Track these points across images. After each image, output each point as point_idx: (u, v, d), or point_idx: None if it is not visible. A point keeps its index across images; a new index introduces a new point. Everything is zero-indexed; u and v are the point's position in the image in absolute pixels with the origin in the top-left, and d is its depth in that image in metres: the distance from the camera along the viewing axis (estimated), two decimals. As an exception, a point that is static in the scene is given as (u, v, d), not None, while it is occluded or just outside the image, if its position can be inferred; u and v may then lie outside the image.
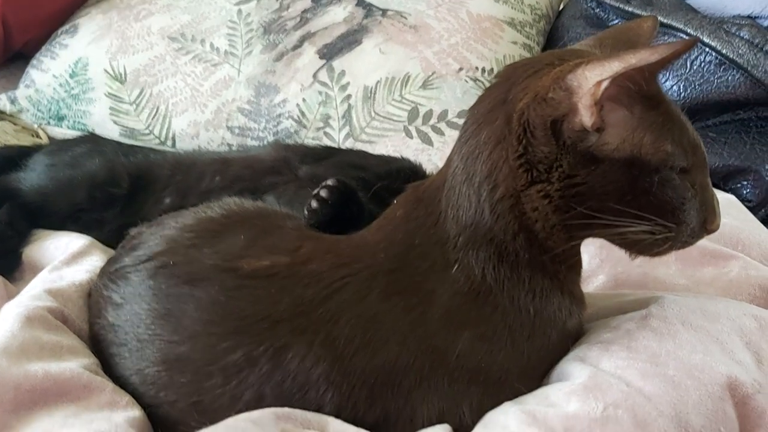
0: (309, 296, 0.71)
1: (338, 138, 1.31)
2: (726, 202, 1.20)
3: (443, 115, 1.30)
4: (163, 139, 1.36)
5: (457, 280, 0.73)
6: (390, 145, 1.28)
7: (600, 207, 0.70)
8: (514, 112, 0.71)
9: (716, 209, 0.74)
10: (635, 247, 0.74)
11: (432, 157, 1.27)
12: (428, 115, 1.30)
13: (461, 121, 1.32)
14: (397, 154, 1.27)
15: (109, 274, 0.82)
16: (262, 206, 0.89)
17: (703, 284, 0.96)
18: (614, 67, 0.64)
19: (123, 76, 1.40)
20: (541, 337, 0.75)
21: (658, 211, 0.70)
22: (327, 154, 1.18)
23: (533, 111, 0.69)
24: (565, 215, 0.71)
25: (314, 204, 0.84)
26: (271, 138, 1.32)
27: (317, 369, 0.68)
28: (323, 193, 0.84)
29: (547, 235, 0.72)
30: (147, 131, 1.37)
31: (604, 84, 0.65)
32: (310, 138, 1.32)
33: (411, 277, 0.74)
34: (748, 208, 1.29)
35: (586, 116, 0.67)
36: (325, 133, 1.32)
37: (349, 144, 1.30)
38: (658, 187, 0.69)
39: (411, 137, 1.29)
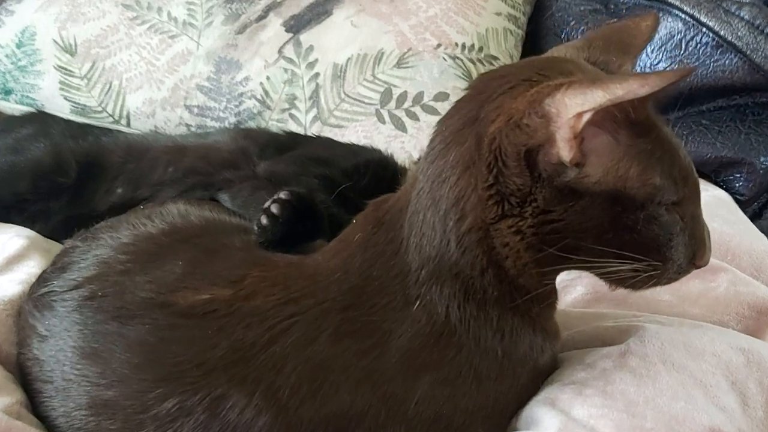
0: (250, 339, 0.64)
1: (305, 121, 1.21)
2: (716, 201, 1.13)
3: (418, 98, 1.21)
4: (117, 117, 1.26)
5: (418, 319, 0.66)
6: (360, 130, 1.19)
7: (578, 245, 0.63)
8: (485, 136, 0.63)
9: (707, 243, 0.67)
10: (615, 282, 0.67)
11: (405, 144, 1.18)
12: (402, 97, 1.21)
13: (438, 105, 1.22)
14: (367, 141, 1.18)
15: (35, 299, 0.74)
16: (209, 218, 0.81)
17: (688, 301, 0.90)
18: (597, 98, 0.55)
19: (73, 47, 1.28)
20: (509, 378, 0.69)
21: (642, 249, 0.63)
22: (290, 143, 1.09)
23: (506, 137, 0.61)
24: (539, 254, 0.63)
25: (264, 221, 0.75)
26: (232, 119, 1.23)
27: (259, 421, 0.62)
28: (274, 209, 0.76)
29: (519, 272, 0.65)
30: (100, 108, 1.27)
31: (586, 116, 0.56)
32: (274, 120, 1.22)
33: (367, 315, 0.66)
34: (740, 202, 1.22)
35: (564, 150, 0.59)
36: (291, 116, 1.22)
37: (316, 128, 1.21)
38: (643, 224, 0.62)
39: (383, 122, 1.20)
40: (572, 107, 0.57)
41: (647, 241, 0.63)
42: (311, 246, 0.80)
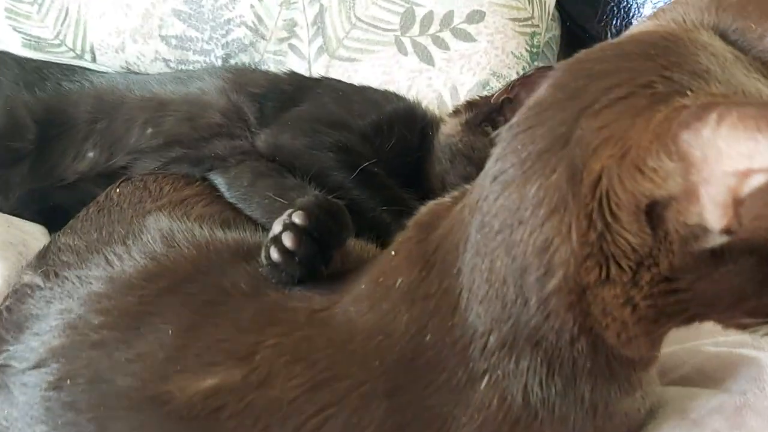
0: (272, 449, 0.49)
1: (308, 53, 0.99)
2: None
3: (447, 20, 0.98)
4: (78, 51, 1.04)
5: (487, 402, 0.51)
6: (377, 64, 0.98)
7: (706, 314, 0.46)
8: (584, 170, 0.44)
9: None
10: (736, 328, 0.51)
11: (433, 81, 0.97)
12: (428, 19, 0.98)
13: (472, 29, 1.01)
14: (386, 79, 0.97)
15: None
16: (201, 243, 0.63)
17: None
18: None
19: (15, -38, 1.04)
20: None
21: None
22: (294, 94, 0.88)
23: (618, 181, 0.43)
24: (653, 326, 0.47)
25: (275, 255, 0.58)
26: (219, 51, 1.00)
27: None
28: (287, 241, 0.57)
29: (623, 344, 0.49)
30: (57, 41, 1.04)
31: (758, 179, 0.37)
32: (270, 53, 1.00)
33: (420, 400, 0.51)
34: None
35: (712, 213, 0.41)
36: (291, 47, 1.00)
37: (323, 62, 0.99)
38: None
39: (405, 53, 0.98)
40: (734, 159, 0.38)
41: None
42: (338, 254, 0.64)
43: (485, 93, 0.97)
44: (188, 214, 0.70)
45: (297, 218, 0.59)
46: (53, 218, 0.89)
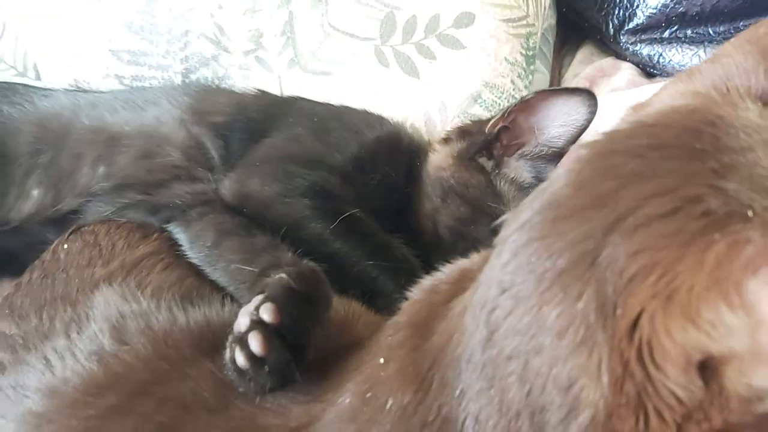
0: None
1: (278, 67, 0.88)
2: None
3: (433, 25, 0.87)
4: (20, 69, 0.92)
5: None
6: (355, 78, 0.87)
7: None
8: (616, 304, 0.36)
9: None
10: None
11: (418, 95, 0.87)
12: (410, 25, 0.87)
13: (460, 34, 0.89)
14: (365, 95, 0.86)
15: None
16: (160, 340, 0.54)
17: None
18: None
19: (-62, -31, 0.91)
20: None
21: None
22: (263, 122, 0.78)
23: (665, 332, 0.35)
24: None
25: (241, 361, 0.49)
26: (178, 67, 0.89)
27: None
28: (254, 344, 0.48)
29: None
30: (-5, 58, 0.92)
31: None
32: (235, 67, 0.89)
33: None
34: None
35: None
36: (258, 59, 0.89)
37: (294, 76, 0.88)
38: None
39: (386, 64, 0.87)
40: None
41: None
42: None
43: (477, 105, 0.87)
44: (143, 286, 0.61)
45: (265, 314, 0.50)
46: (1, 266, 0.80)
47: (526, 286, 0.40)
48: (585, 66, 1.07)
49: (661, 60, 1.00)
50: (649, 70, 1.04)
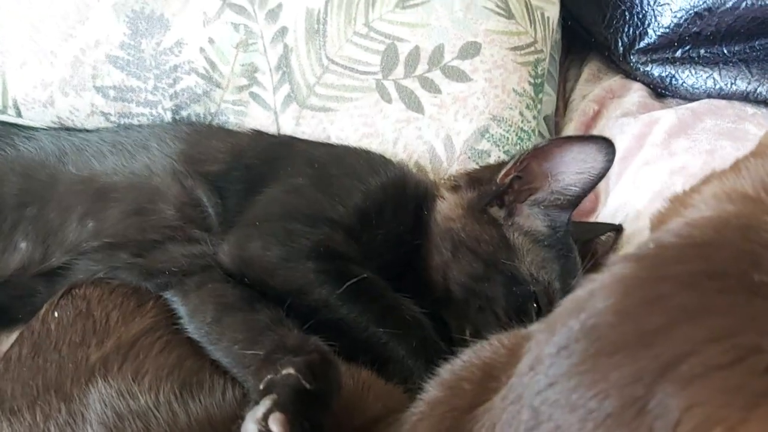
0: None
1: (274, 103, 0.84)
2: None
3: (437, 57, 0.82)
4: (0, 107, 0.87)
5: None
6: (356, 114, 0.82)
7: None
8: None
9: None
10: None
11: (423, 131, 0.82)
12: (413, 57, 0.82)
13: (466, 66, 0.88)
14: (368, 132, 0.82)
15: None
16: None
17: None
18: None
19: None
20: None
21: None
22: (262, 171, 0.74)
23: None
24: None
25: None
26: (168, 103, 0.84)
27: None
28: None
29: None
30: (-28, 95, 0.87)
31: None
32: (229, 103, 0.84)
33: None
34: None
35: None
36: (253, 95, 0.84)
37: (291, 113, 0.83)
38: None
39: (388, 100, 0.82)
40: None
41: None
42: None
43: (485, 140, 0.83)
44: (141, 375, 0.57)
45: (275, 426, 0.46)
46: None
47: (567, 426, 0.37)
48: (592, 85, 1.03)
49: (673, 82, 0.96)
50: (660, 91, 1.00)
